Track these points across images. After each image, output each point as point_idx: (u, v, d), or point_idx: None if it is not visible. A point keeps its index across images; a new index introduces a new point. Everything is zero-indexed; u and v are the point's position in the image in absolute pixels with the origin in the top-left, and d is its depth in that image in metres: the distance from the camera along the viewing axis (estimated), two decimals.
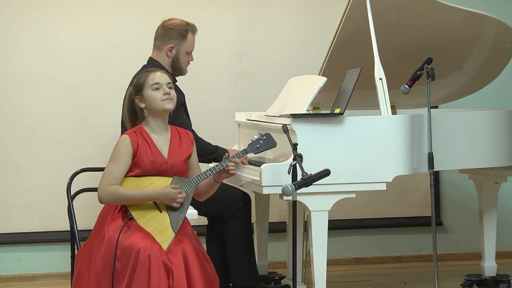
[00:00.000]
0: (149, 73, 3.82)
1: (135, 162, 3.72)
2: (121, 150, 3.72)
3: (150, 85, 3.77)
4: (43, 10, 5.42)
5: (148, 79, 3.79)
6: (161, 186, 3.72)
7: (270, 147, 3.91)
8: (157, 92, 3.77)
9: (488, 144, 4.53)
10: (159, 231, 3.65)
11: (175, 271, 3.51)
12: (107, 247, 3.58)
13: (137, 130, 3.79)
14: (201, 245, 3.78)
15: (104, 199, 3.70)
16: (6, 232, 5.41)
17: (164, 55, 4.50)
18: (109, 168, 3.72)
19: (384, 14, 4.51)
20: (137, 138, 3.74)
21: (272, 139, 3.91)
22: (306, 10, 5.73)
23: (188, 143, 3.87)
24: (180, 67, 4.53)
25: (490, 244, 4.90)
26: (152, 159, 3.73)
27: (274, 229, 5.18)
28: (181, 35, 4.50)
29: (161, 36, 4.52)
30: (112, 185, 3.68)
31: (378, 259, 5.88)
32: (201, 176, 3.75)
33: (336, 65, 4.63)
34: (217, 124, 5.48)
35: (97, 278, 3.57)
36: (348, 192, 4.07)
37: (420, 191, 5.88)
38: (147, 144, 3.75)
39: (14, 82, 5.41)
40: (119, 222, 3.66)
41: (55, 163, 5.43)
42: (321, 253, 4.02)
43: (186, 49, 4.52)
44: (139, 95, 3.79)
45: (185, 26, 4.52)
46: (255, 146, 3.89)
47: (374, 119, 4.15)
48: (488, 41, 4.82)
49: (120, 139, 3.76)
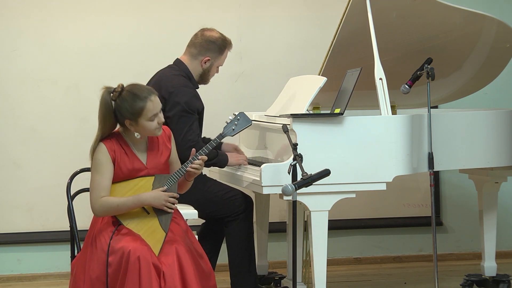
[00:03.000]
0: (146, 101, 3.64)
1: (115, 170, 3.68)
2: (100, 159, 3.67)
3: (148, 117, 3.64)
4: (43, 10, 5.42)
5: (146, 110, 3.63)
6: (145, 186, 3.71)
7: (247, 125, 3.87)
8: (152, 123, 3.67)
9: (488, 144, 4.53)
10: (149, 233, 3.64)
11: (167, 271, 3.51)
12: (100, 254, 3.58)
13: (114, 138, 3.72)
14: (196, 241, 3.78)
15: (98, 213, 3.68)
16: (6, 232, 5.41)
17: (197, 64, 4.49)
18: (95, 180, 3.68)
19: (384, 14, 4.51)
20: (114, 146, 3.69)
21: (247, 117, 3.87)
22: (306, 10, 5.73)
23: (165, 142, 3.81)
24: (207, 78, 4.56)
25: (490, 244, 4.90)
26: (130, 167, 3.70)
27: (274, 229, 5.18)
28: (219, 50, 4.51)
29: (199, 46, 4.49)
30: (102, 197, 3.65)
31: (378, 259, 5.88)
32: (182, 170, 3.72)
33: (336, 65, 4.63)
34: (217, 124, 5.47)
35: (91, 285, 3.58)
36: (348, 192, 4.08)
37: (420, 191, 5.88)
38: (124, 151, 3.70)
39: (14, 82, 5.41)
40: (110, 227, 3.66)
41: (55, 163, 5.43)
42: (321, 253, 4.03)
43: (219, 63, 4.55)
44: (132, 121, 3.66)
45: (225, 42, 4.52)
46: (230, 128, 3.86)
47: (374, 119, 4.15)
48: (488, 41, 4.82)
49: (97, 148, 3.69)
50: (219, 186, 4.44)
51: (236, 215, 4.38)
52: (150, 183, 3.71)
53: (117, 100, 3.67)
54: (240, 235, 4.39)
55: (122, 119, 3.67)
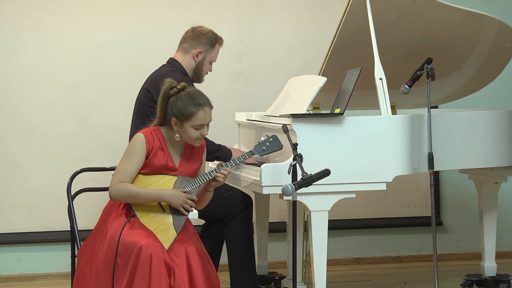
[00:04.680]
0: (199, 109, 3.70)
1: (146, 162, 3.72)
2: (135, 147, 3.71)
3: (195, 124, 3.70)
4: (43, 10, 5.42)
5: (196, 117, 3.69)
6: (165, 184, 3.72)
7: (277, 149, 3.92)
8: (195, 132, 3.72)
9: (488, 144, 4.53)
10: (161, 230, 3.66)
11: (177, 270, 3.52)
12: (109, 243, 3.58)
13: (154, 131, 3.77)
14: (203, 246, 3.79)
15: (115, 196, 3.70)
16: (6, 232, 5.41)
17: (190, 58, 4.51)
18: (122, 165, 3.71)
19: (384, 14, 4.51)
20: (153, 140, 3.73)
21: (279, 141, 3.91)
22: (306, 10, 5.73)
23: (200, 153, 3.87)
24: (200, 74, 4.56)
25: (490, 244, 4.90)
26: (163, 163, 3.73)
27: (274, 229, 5.18)
28: (210, 43, 4.53)
29: (190, 39, 4.53)
30: (123, 182, 3.67)
31: (378, 259, 5.88)
32: (206, 176, 3.76)
33: (336, 65, 4.63)
34: (217, 124, 5.46)
35: (98, 273, 3.58)
36: (348, 192, 4.08)
37: (420, 191, 5.87)
38: (161, 147, 3.74)
39: (14, 82, 5.41)
40: (122, 219, 3.66)
41: (55, 163, 5.43)
42: (321, 253, 4.03)
43: (211, 58, 4.56)
44: (178, 121, 3.71)
45: (215, 36, 4.56)
46: (261, 148, 3.90)
47: (374, 119, 4.15)
48: (488, 41, 4.82)
49: (136, 136, 3.74)
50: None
51: (236, 214, 4.38)
52: (172, 182, 3.73)
53: (174, 96, 3.73)
54: (240, 234, 4.39)
55: (170, 116, 3.73)
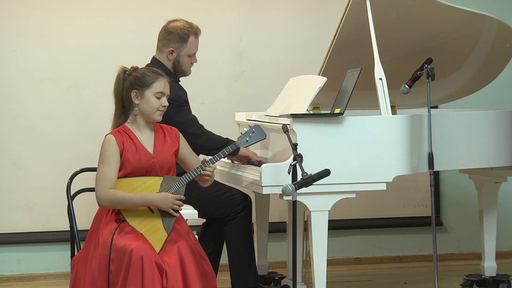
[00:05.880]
0: (158, 77, 3.77)
1: (122, 161, 3.71)
2: (108, 150, 3.71)
3: (155, 91, 3.74)
4: (43, 10, 5.42)
5: (156, 84, 3.75)
6: (152, 185, 3.72)
7: (261, 138, 3.90)
8: (157, 101, 3.75)
9: (488, 144, 4.53)
10: (152, 232, 3.65)
11: (169, 270, 3.51)
12: (102, 250, 3.59)
13: (121, 129, 3.78)
14: (198, 243, 3.78)
15: (103, 203, 3.70)
16: (6, 232, 5.41)
17: (165, 57, 4.50)
18: (101, 171, 3.71)
19: (384, 14, 4.51)
20: (122, 137, 3.73)
21: (262, 130, 3.90)
22: (306, 10, 5.73)
23: (173, 139, 3.86)
24: (182, 70, 4.53)
25: (490, 244, 4.90)
26: (138, 156, 3.72)
27: (274, 229, 5.18)
28: (181, 39, 4.49)
29: (162, 39, 4.53)
30: (109, 189, 3.67)
31: (378, 259, 5.88)
32: (192, 174, 3.75)
33: (336, 65, 4.63)
34: (217, 124, 5.45)
35: (93, 281, 3.58)
36: (348, 192, 4.08)
37: (420, 191, 5.88)
38: (132, 141, 3.74)
39: (14, 82, 5.41)
40: (113, 224, 3.67)
41: (55, 163, 5.43)
42: (321, 253, 4.03)
43: (187, 52, 4.51)
44: (138, 91, 3.75)
45: (187, 30, 4.50)
46: (244, 140, 3.89)
47: (374, 119, 4.15)
48: (488, 41, 4.82)
49: (105, 139, 3.74)
50: (217, 186, 4.44)
51: (236, 214, 4.38)
52: (158, 183, 3.73)
53: (130, 75, 3.79)
54: (240, 234, 4.39)
55: (129, 92, 3.75)
